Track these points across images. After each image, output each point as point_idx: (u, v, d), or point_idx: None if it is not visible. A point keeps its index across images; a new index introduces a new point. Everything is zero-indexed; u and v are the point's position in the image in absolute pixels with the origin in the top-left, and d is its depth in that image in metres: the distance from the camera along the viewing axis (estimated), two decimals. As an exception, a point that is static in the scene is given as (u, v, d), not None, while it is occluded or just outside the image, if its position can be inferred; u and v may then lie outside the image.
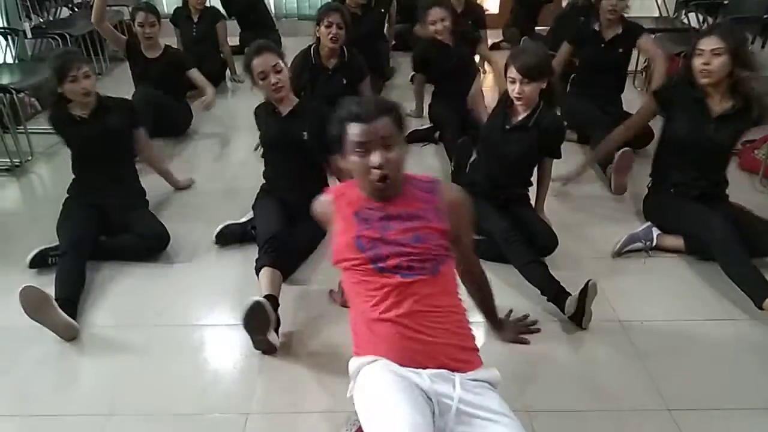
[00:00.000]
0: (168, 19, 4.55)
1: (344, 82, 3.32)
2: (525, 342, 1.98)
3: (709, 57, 2.30)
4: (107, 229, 2.54)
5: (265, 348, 1.94)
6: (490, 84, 4.48)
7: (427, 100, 3.84)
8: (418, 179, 1.63)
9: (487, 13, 5.79)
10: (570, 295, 2.07)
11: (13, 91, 3.39)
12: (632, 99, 3.74)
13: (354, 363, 1.50)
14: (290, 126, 2.46)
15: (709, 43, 2.30)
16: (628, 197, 2.94)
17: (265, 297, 1.97)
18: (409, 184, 1.60)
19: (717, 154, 2.47)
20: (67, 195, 2.63)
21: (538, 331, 2.04)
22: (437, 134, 3.61)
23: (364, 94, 3.45)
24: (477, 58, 4.11)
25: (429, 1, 3.60)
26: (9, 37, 4.08)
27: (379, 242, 1.52)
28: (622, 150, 2.88)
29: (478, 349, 1.54)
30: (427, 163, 3.42)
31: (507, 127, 2.38)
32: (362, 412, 1.37)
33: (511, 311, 2.08)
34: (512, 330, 2.00)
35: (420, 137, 3.65)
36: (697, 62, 2.33)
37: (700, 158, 2.45)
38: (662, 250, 2.49)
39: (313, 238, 2.49)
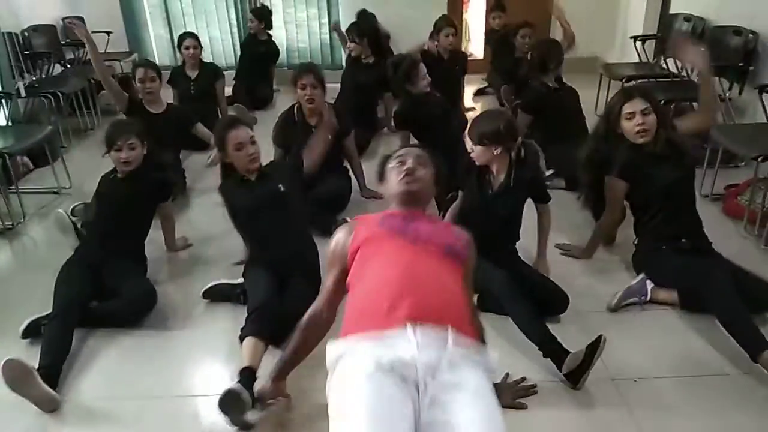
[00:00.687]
0: (167, 81, 4.55)
1: (329, 138, 3.37)
2: (522, 407, 1.97)
3: (642, 117, 2.47)
4: (100, 293, 2.54)
5: (241, 426, 1.92)
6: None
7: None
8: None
9: (471, 58, 6.03)
10: (568, 352, 2.07)
11: (6, 156, 3.40)
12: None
13: (333, 351, 1.49)
14: (266, 186, 2.54)
15: (637, 105, 2.49)
16: (617, 247, 2.96)
17: (244, 369, 1.98)
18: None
19: (689, 195, 2.60)
20: (72, 254, 2.68)
21: (534, 393, 2.03)
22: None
23: (348, 150, 3.51)
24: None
25: (413, 59, 3.72)
26: (2, 100, 4.11)
27: (402, 227, 1.71)
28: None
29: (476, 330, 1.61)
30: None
31: (490, 193, 2.47)
32: (334, 416, 1.36)
33: (507, 374, 2.08)
34: (509, 394, 1.99)
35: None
36: (631, 125, 2.51)
37: (679, 206, 2.55)
38: (656, 303, 2.51)
39: (304, 300, 2.49)
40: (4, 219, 3.38)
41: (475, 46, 7.17)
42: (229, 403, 1.87)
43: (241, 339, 2.13)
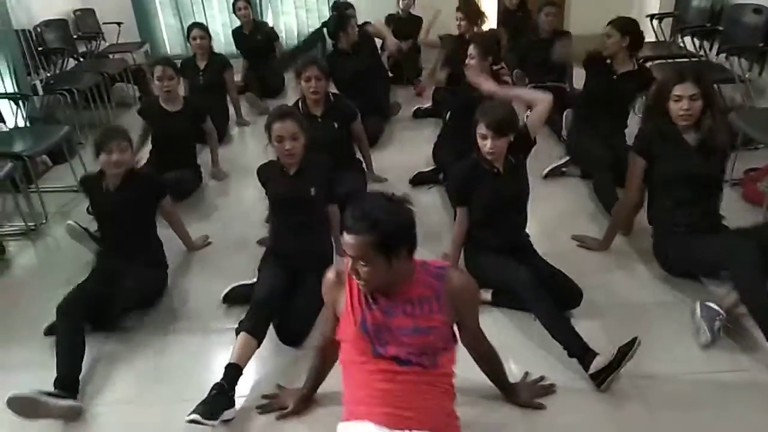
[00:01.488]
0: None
1: (336, 126, 3.38)
2: (541, 407, 1.99)
3: (688, 103, 2.45)
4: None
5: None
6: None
7: (432, 140, 3.91)
8: (429, 264, 1.69)
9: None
10: (594, 352, 2.06)
11: (26, 159, 3.45)
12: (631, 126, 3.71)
13: (342, 429, 1.63)
14: (299, 183, 2.56)
15: (686, 89, 2.46)
16: (635, 238, 2.93)
17: (230, 365, 2.06)
18: (418, 268, 1.67)
19: (711, 189, 2.57)
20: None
21: (553, 392, 2.05)
22: (442, 176, 3.66)
23: (356, 133, 3.53)
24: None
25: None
26: (20, 102, 4.14)
27: (382, 328, 1.62)
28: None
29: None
30: (431, 204, 3.46)
31: (501, 179, 2.47)
32: None
33: (527, 373, 2.10)
34: (528, 393, 2.01)
35: (425, 179, 3.71)
36: (677, 107, 2.49)
37: (694, 190, 2.53)
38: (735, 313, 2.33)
39: (320, 297, 2.53)
40: (26, 220, 3.43)
41: (489, 25, 7.05)
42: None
43: (237, 332, 2.18)
